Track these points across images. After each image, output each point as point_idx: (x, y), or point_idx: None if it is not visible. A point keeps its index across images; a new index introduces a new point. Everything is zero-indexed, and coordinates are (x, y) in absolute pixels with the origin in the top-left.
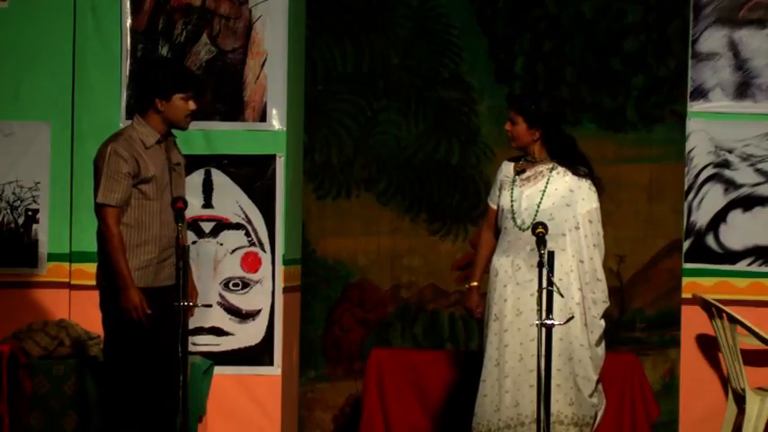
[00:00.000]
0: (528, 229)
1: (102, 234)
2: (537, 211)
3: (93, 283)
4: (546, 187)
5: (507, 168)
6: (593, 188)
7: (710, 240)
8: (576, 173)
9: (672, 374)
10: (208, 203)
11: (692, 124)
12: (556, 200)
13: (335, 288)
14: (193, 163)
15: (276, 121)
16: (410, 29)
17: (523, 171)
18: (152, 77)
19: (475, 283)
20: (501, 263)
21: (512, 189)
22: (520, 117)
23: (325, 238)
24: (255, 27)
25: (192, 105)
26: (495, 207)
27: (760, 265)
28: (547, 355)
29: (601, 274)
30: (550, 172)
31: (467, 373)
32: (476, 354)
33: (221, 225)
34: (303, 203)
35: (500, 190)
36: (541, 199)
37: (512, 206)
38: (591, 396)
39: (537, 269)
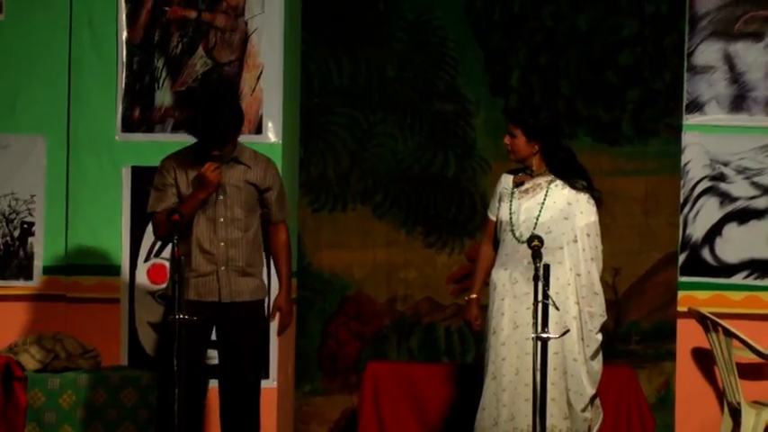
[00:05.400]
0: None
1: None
2: (535, 224)
3: (89, 295)
4: (544, 200)
5: (506, 180)
6: (592, 201)
7: (706, 253)
8: (573, 186)
9: (667, 387)
10: None
11: (687, 137)
12: (554, 213)
13: (331, 301)
14: None
15: (272, 134)
16: (406, 41)
17: (522, 183)
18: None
19: (474, 296)
20: (499, 276)
21: (510, 201)
22: (519, 130)
23: (320, 251)
24: (251, 40)
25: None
26: (494, 219)
27: (755, 279)
28: (542, 368)
29: (598, 288)
30: (549, 185)
31: (463, 386)
32: (472, 367)
33: None
34: (299, 216)
35: (499, 202)
36: (540, 212)
37: (510, 218)
38: (583, 411)
39: (533, 282)
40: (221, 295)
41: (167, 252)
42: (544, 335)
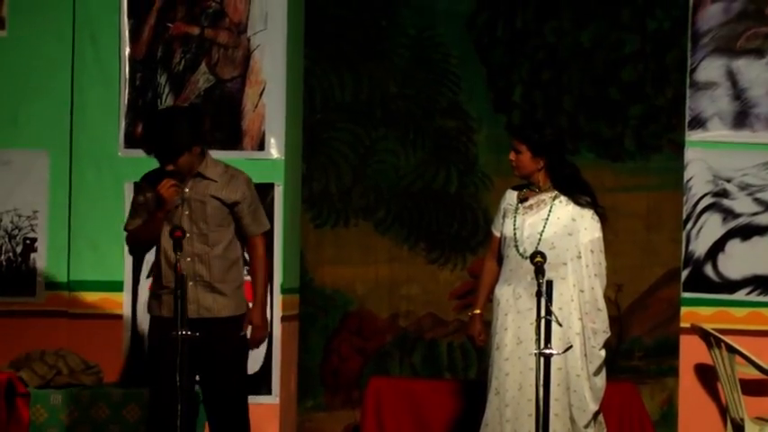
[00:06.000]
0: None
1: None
2: (539, 240)
3: (92, 311)
4: (548, 216)
5: (511, 196)
6: (596, 218)
7: (709, 270)
8: (577, 202)
9: (670, 403)
10: None
11: (690, 153)
12: (558, 229)
13: (333, 317)
14: None
15: (274, 150)
16: (408, 58)
17: (527, 199)
18: None
19: (477, 311)
20: (502, 292)
21: (515, 217)
22: (524, 146)
23: (323, 267)
24: (254, 56)
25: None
26: (498, 235)
27: (758, 295)
28: (545, 384)
29: (602, 304)
30: (553, 200)
31: (465, 402)
32: (474, 383)
33: None
34: (301, 232)
35: (503, 218)
36: (544, 227)
37: (514, 234)
38: (586, 427)
39: (537, 298)
40: (189, 311)
41: None
42: (547, 350)
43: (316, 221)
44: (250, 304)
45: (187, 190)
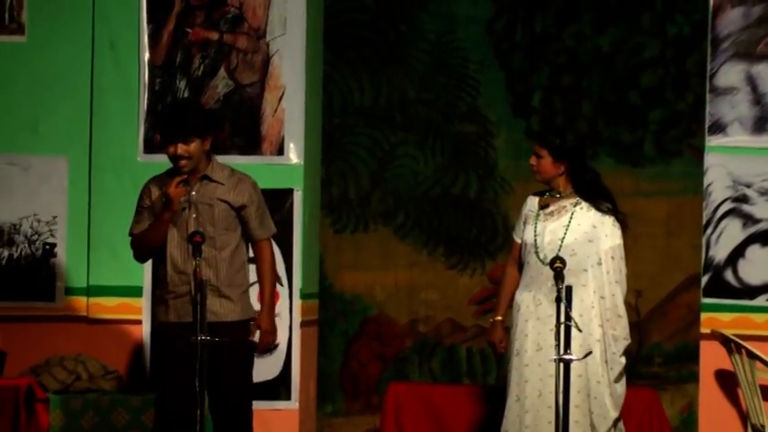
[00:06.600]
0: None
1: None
2: (560, 246)
3: (111, 317)
4: (569, 222)
5: (532, 202)
6: (617, 224)
7: (729, 275)
8: (599, 209)
9: (690, 410)
10: None
11: (710, 159)
12: (579, 235)
13: (353, 322)
14: None
15: (293, 155)
16: (428, 63)
17: (547, 206)
18: None
19: (499, 318)
20: (523, 298)
21: (535, 223)
22: (545, 150)
23: (342, 272)
24: (273, 61)
25: (170, 149)
26: (519, 241)
27: None
28: (565, 390)
29: (622, 311)
30: (574, 207)
31: (485, 408)
32: (494, 389)
33: None
34: (320, 237)
35: (524, 224)
36: (565, 234)
37: (535, 240)
38: None
39: (556, 304)
40: (194, 311)
41: None
42: (566, 356)
43: (335, 226)
44: (257, 307)
45: (194, 193)
